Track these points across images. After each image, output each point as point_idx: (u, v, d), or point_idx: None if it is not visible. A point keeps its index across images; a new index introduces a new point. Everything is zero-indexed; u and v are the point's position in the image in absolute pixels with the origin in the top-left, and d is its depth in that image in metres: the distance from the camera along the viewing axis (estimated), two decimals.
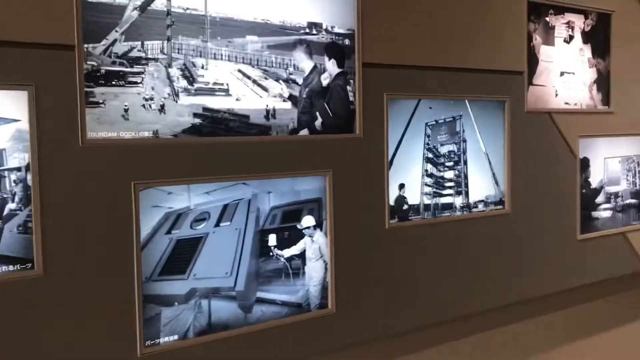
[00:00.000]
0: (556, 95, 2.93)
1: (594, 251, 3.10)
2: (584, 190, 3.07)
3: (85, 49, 1.71)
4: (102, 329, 1.75)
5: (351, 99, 2.24)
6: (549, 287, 2.90)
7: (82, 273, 1.72)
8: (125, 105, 1.78)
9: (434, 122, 2.50)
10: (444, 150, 2.54)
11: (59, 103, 1.67)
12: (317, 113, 2.16)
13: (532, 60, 2.82)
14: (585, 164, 3.09)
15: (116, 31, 1.76)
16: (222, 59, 1.96)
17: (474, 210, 2.63)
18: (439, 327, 2.50)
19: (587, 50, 3.06)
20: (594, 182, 3.13)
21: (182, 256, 1.90)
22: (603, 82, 3.12)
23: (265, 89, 2.04)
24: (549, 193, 2.90)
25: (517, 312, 2.79)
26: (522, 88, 2.77)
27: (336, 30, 2.19)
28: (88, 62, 1.72)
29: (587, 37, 3.06)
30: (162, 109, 1.84)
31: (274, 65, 2.06)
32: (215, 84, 1.94)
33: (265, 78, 2.04)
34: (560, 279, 2.95)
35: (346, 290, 2.23)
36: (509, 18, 2.69)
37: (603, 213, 3.18)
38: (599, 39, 3.10)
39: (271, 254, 2.07)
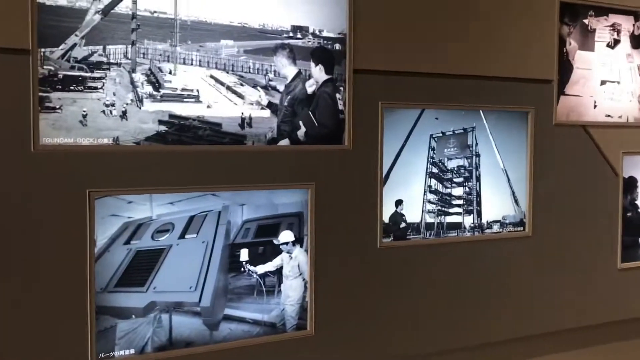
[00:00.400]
0: (595, 106, 2.62)
1: (638, 282, 2.74)
2: (629, 214, 2.73)
3: (41, 54, 1.68)
4: (53, 340, 1.71)
5: (340, 107, 2.09)
6: (574, 320, 2.59)
7: (33, 282, 1.68)
8: (84, 111, 1.74)
9: (441, 134, 2.29)
10: (452, 165, 2.33)
11: (11, 108, 1.64)
12: (300, 122, 2.03)
13: (565, 68, 2.54)
14: (631, 183, 2.74)
15: (76, 35, 1.72)
16: (192, 64, 1.88)
17: (487, 231, 2.39)
18: (431, 358, 2.29)
19: (638, 57, 2.72)
20: None
21: (142, 268, 1.83)
22: None
23: (240, 95, 1.94)
24: (582, 215, 2.59)
25: (530, 347, 2.51)
26: (550, 98, 2.50)
27: (325, 34, 2.05)
28: (45, 67, 1.69)
29: (637, 41, 2.72)
30: (124, 115, 1.79)
31: (251, 70, 1.96)
32: (183, 90, 1.87)
33: (241, 84, 1.94)
34: (591, 312, 2.63)
35: (327, 311, 2.08)
36: (535, 20, 2.43)
37: None
38: None
39: (242, 269, 1.97)
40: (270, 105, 1.98)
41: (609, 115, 2.65)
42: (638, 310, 2.75)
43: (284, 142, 2.01)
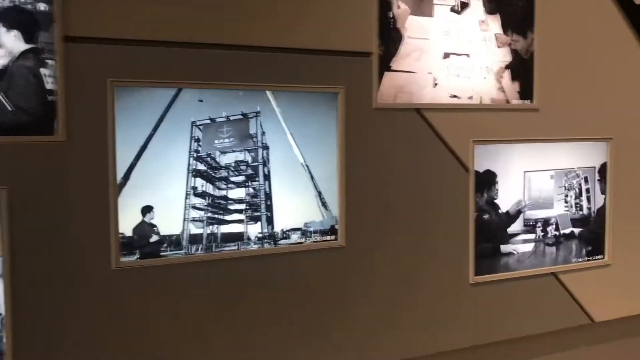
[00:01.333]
0: (435, 85, 2.11)
1: (499, 298, 2.25)
2: (485, 216, 2.23)
3: None
4: None
5: (49, 87, 1.57)
6: (411, 350, 2.10)
7: None
8: None
9: (208, 121, 1.79)
10: (227, 160, 1.83)
11: None
12: None
13: (391, 37, 2.03)
14: (488, 179, 2.24)
15: None
16: None
17: (282, 242, 1.89)
18: None
19: (494, 24, 2.21)
20: (506, 204, 2.28)
21: None
22: (522, 68, 2.26)
23: None
24: (419, 219, 2.09)
25: None
26: (368, 75, 1.99)
27: None
28: None
29: (493, 4, 2.21)
30: None
31: None
32: None
33: None
34: (434, 340, 2.15)
35: (29, 352, 1.58)
36: None
37: (521, 247, 2.32)
38: (514, 7, 2.24)
39: None
40: None
41: (455, 96, 2.15)
42: (496, 334, 2.25)
43: None
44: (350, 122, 1.96)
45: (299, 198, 1.92)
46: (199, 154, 1.78)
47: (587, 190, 2.46)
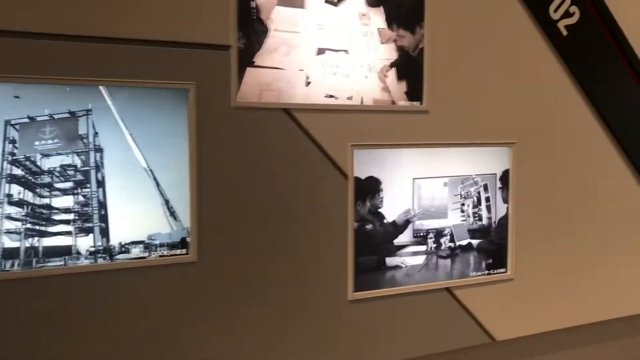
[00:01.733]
0: (308, 83, 1.91)
1: (383, 316, 2.07)
2: (368, 226, 2.04)
3: None
4: None
5: None
6: None
7: None
8: None
9: (27, 120, 1.57)
10: (50, 164, 1.61)
11: None
12: None
13: (254, 29, 1.83)
14: (371, 187, 2.05)
15: None
16: None
17: (120, 257, 1.68)
18: None
19: (377, 17, 2.02)
20: (393, 213, 2.09)
21: None
22: (410, 66, 2.07)
23: None
24: (286, 230, 1.90)
25: None
26: (226, 70, 1.78)
27: None
28: None
29: None
30: None
31: None
32: None
33: None
34: None
35: None
36: None
37: (410, 259, 2.13)
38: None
39: None
40: None
41: (331, 96, 1.96)
42: (380, 354, 2.07)
43: None
44: (204, 122, 1.76)
45: (141, 207, 1.71)
46: (14, 157, 1.57)
47: (487, 199, 2.28)
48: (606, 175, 2.46)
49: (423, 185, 2.15)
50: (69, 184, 1.64)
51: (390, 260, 2.11)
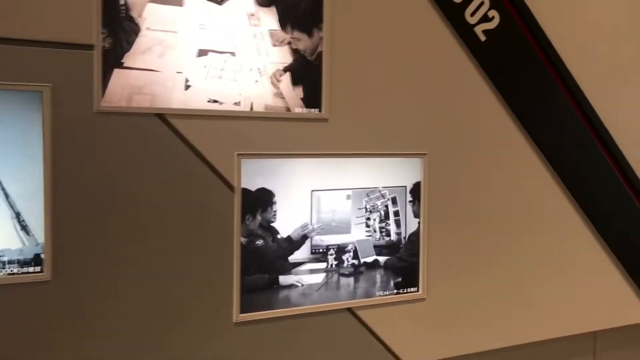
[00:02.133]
0: (187, 87, 1.76)
1: (275, 339, 1.91)
2: (259, 242, 1.89)
3: None
4: None
5: None
6: None
7: None
8: None
9: None
10: None
11: None
12: None
13: (123, 28, 1.69)
14: (263, 199, 1.90)
15: None
16: None
17: None
18: None
19: (269, 18, 1.88)
20: (288, 228, 1.94)
21: None
22: (306, 71, 1.93)
23: None
24: (160, 246, 1.74)
25: None
26: (87, 72, 1.63)
27: None
28: None
29: None
30: None
31: None
32: None
33: None
34: None
35: None
36: None
37: (308, 278, 1.98)
38: None
39: None
40: None
41: (215, 101, 1.81)
42: None
43: None
44: (61, 128, 1.61)
45: None
46: None
47: (396, 213, 2.14)
48: (528, 188, 2.33)
49: (323, 197, 2.00)
50: None
51: (284, 279, 1.96)
